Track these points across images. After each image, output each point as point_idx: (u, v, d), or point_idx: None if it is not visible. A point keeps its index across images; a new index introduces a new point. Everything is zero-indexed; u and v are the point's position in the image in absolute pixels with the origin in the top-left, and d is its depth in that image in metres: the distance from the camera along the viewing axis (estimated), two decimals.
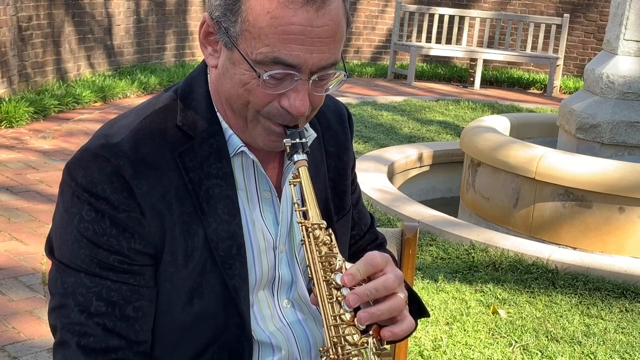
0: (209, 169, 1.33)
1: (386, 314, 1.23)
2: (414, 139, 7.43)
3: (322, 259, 1.26)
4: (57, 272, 1.32)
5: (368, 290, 1.22)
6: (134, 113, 1.38)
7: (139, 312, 1.29)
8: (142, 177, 1.28)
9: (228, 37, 1.27)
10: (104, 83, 8.56)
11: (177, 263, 1.30)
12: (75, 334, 1.27)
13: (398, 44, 11.45)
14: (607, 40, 5.50)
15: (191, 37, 10.71)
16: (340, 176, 1.53)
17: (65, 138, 6.76)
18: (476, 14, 11.52)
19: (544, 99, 10.61)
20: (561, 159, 4.87)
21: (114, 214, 1.27)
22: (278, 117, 1.30)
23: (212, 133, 1.35)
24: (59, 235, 1.31)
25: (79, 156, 1.30)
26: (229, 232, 1.33)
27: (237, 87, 1.29)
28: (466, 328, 3.63)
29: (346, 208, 1.54)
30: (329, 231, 1.29)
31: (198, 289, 1.31)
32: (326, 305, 1.23)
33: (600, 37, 10.86)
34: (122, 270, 1.28)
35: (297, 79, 1.26)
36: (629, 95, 5.25)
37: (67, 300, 1.28)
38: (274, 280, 1.42)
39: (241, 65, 1.27)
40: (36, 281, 3.99)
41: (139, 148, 1.30)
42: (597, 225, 4.70)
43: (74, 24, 8.67)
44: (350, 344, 1.21)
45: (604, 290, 4.07)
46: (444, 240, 4.60)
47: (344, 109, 1.59)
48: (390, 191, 5.31)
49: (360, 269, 1.24)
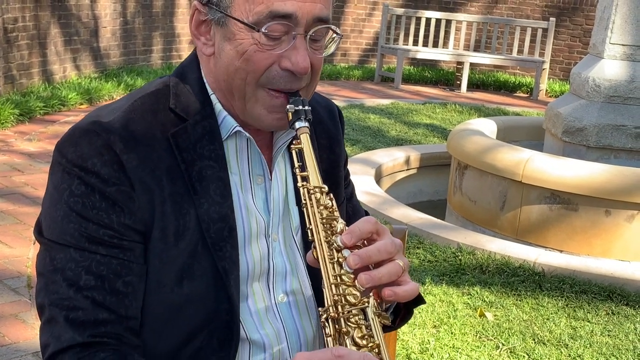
0: (202, 150, 1.34)
1: (386, 276, 1.23)
2: (401, 141, 7.44)
3: (324, 221, 1.26)
4: (46, 250, 1.30)
5: (370, 252, 1.22)
6: (126, 98, 1.39)
7: (128, 287, 1.28)
8: (132, 152, 1.28)
9: (221, 12, 1.29)
10: (90, 85, 8.52)
11: (167, 240, 1.30)
12: (64, 309, 1.26)
13: (385, 47, 11.46)
14: (593, 44, 5.53)
15: (178, 39, 10.69)
16: (333, 168, 1.54)
17: (50, 140, 6.72)
18: (463, 17, 11.56)
19: (530, 102, 10.65)
20: (547, 162, 4.89)
21: (104, 187, 1.27)
22: (279, 81, 1.30)
23: (205, 115, 1.36)
24: (48, 214, 1.31)
25: (69, 134, 1.31)
26: (220, 213, 1.33)
27: (234, 61, 1.30)
28: (453, 331, 3.63)
29: (339, 200, 1.55)
30: (330, 195, 1.30)
31: (189, 270, 1.31)
32: (327, 266, 1.23)
33: (586, 41, 10.92)
34: (111, 245, 1.27)
35: (295, 34, 1.27)
36: (615, 99, 5.27)
37: (56, 276, 1.27)
38: (269, 272, 1.41)
39: (237, 35, 1.28)
40: (21, 284, 3.96)
41: (129, 125, 1.30)
42: (583, 228, 4.71)
43: (60, 26, 8.63)
44: (350, 303, 1.21)
45: (590, 293, 4.08)
46: (432, 243, 4.60)
47: (334, 106, 1.61)
48: (377, 194, 5.32)
49: (360, 226, 1.24)
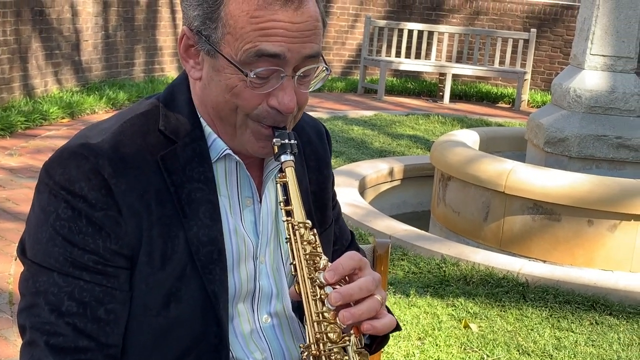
0: (191, 172, 1.33)
1: (366, 313, 1.25)
2: (384, 153, 7.45)
3: (307, 257, 1.28)
4: (29, 272, 1.30)
5: (352, 290, 1.24)
6: (115, 118, 1.38)
7: (110, 314, 1.28)
8: (121, 176, 1.28)
9: (210, 45, 1.29)
10: (71, 99, 8.48)
11: (153, 265, 1.29)
12: (45, 333, 1.25)
13: (368, 59, 11.50)
14: (574, 55, 5.57)
15: (160, 53, 10.67)
16: (321, 190, 1.55)
17: (32, 155, 6.67)
18: (445, 29, 11.62)
19: (512, 112, 10.71)
20: (530, 172, 4.91)
21: (91, 212, 1.26)
22: (267, 119, 1.31)
23: (195, 138, 1.35)
24: (32, 235, 1.30)
25: (58, 155, 1.30)
26: (210, 236, 1.33)
27: (223, 93, 1.30)
28: (438, 343, 3.63)
29: (327, 222, 1.55)
30: (313, 231, 1.31)
31: (176, 294, 1.31)
32: (310, 303, 1.25)
33: (567, 52, 11.00)
34: (96, 271, 1.27)
35: (283, 75, 1.28)
36: (596, 109, 5.31)
37: (38, 299, 1.26)
38: (255, 293, 1.41)
39: (226, 70, 1.28)
40: (2, 301, 3.92)
41: (119, 148, 1.30)
42: (566, 238, 4.73)
43: (41, 40, 8.59)
44: (331, 341, 1.24)
45: (574, 303, 4.09)
46: (416, 254, 4.60)
47: (322, 127, 1.62)
48: (361, 206, 5.31)
49: (343, 263, 1.27)
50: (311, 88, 1.37)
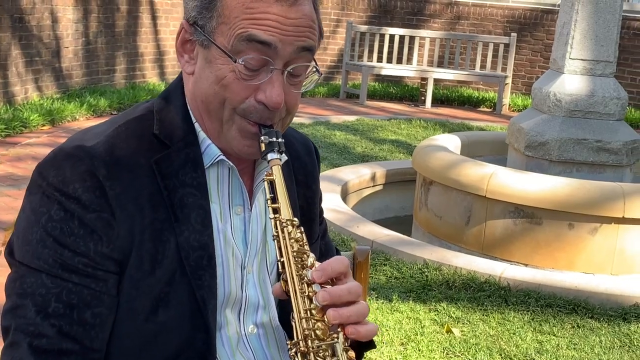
0: (184, 177, 1.34)
1: (354, 316, 1.25)
2: (367, 158, 7.46)
3: (295, 254, 1.27)
4: (17, 273, 1.28)
5: (341, 292, 1.25)
6: (109, 122, 1.39)
7: (97, 318, 1.27)
8: (115, 179, 1.27)
9: (205, 35, 1.30)
10: (52, 106, 8.42)
11: (143, 268, 1.29)
12: (28, 335, 1.24)
13: (350, 64, 11.52)
14: (554, 59, 5.61)
15: (141, 59, 10.63)
16: (309, 205, 1.55)
17: (12, 163, 6.62)
18: (426, 34, 11.66)
19: (493, 116, 10.76)
20: (511, 176, 4.93)
21: (84, 214, 1.25)
22: (254, 114, 1.31)
23: (189, 143, 1.36)
24: (22, 236, 1.28)
25: (51, 157, 1.30)
26: (200, 242, 1.33)
27: (213, 85, 1.31)
28: (421, 348, 3.63)
29: (314, 237, 1.56)
30: (300, 229, 1.30)
31: (165, 299, 1.30)
32: (298, 299, 1.25)
33: (547, 56, 11.08)
34: (85, 274, 1.26)
35: (273, 68, 1.29)
36: (576, 113, 5.34)
37: (25, 300, 1.25)
38: (242, 303, 1.41)
39: (217, 60, 1.29)
40: None
41: (114, 151, 1.30)
42: (547, 241, 4.75)
43: (21, 47, 8.53)
44: (319, 338, 1.24)
45: (555, 307, 4.11)
46: (398, 259, 4.61)
47: (311, 143, 1.62)
48: (344, 211, 5.31)
49: (332, 265, 1.27)
50: (303, 89, 1.37)
